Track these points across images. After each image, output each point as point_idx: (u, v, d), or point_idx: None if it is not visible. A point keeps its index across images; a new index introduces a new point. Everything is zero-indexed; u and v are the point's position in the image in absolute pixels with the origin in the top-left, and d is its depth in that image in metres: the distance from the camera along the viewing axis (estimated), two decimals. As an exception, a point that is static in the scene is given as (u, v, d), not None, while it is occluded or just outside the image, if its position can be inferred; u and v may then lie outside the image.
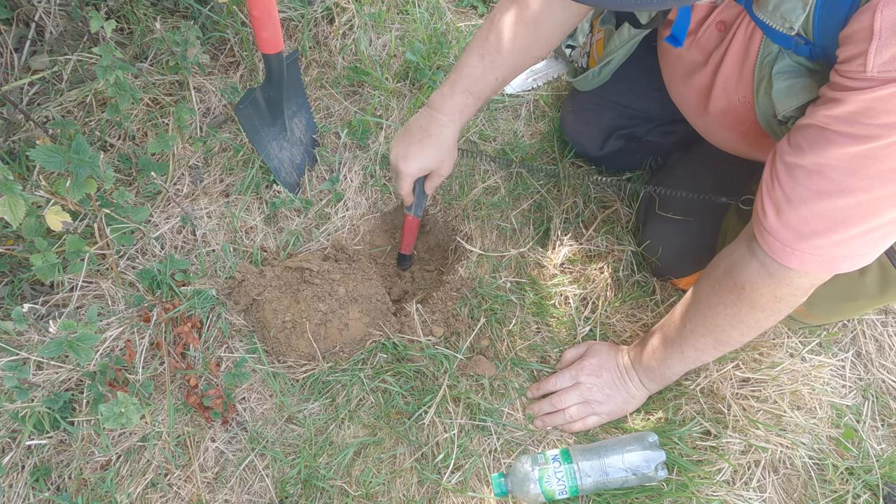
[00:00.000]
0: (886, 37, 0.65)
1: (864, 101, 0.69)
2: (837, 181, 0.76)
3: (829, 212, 0.78)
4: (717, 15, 0.95)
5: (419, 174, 1.23)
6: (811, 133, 0.78)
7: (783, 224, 0.83)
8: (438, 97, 1.19)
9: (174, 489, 1.15)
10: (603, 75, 1.26)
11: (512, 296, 1.34)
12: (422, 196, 1.32)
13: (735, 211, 1.22)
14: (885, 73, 0.66)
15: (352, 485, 1.15)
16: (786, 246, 0.84)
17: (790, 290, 0.90)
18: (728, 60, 0.97)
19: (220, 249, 1.35)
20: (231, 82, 1.57)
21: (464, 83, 1.16)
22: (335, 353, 1.25)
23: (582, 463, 1.09)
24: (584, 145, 1.46)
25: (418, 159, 1.20)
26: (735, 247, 0.97)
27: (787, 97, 0.88)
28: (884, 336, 1.34)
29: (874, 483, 1.15)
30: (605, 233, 1.42)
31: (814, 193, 0.79)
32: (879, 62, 0.66)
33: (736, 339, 1.02)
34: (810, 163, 0.78)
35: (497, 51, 1.14)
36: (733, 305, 0.97)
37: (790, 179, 0.81)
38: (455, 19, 1.77)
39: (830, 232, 0.79)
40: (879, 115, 0.69)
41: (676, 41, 1.01)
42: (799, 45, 0.83)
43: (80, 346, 1.01)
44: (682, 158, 1.41)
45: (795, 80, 0.87)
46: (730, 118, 1.05)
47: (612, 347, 1.23)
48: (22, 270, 1.31)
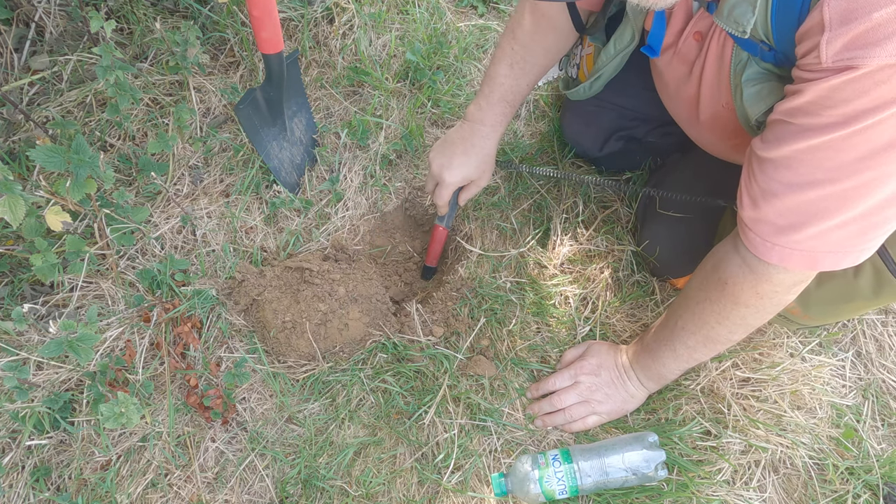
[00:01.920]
0: (836, 27, 0.67)
1: (822, 90, 0.70)
2: (804, 174, 0.77)
3: (802, 205, 0.79)
4: (693, 26, 0.97)
5: (461, 184, 1.28)
6: (777, 128, 0.80)
7: (760, 218, 0.84)
8: (476, 110, 1.24)
9: (174, 489, 1.15)
10: (594, 89, 1.27)
11: (512, 296, 1.34)
12: (454, 207, 1.35)
13: (731, 213, 1.22)
14: (838, 63, 0.67)
15: (352, 485, 1.15)
16: (765, 240, 0.85)
17: (771, 287, 0.90)
18: (707, 70, 0.99)
19: (220, 249, 1.35)
20: (231, 82, 1.57)
21: (499, 93, 1.22)
22: (335, 353, 1.25)
23: (582, 463, 1.09)
24: (583, 146, 1.46)
25: (462, 168, 1.25)
26: (723, 244, 0.98)
27: (755, 102, 0.90)
28: (884, 336, 1.34)
29: (874, 483, 1.15)
30: (605, 233, 1.42)
31: (785, 187, 0.80)
32: (832, 52, 0.68)
33: (724, 336, 1.02)
34: (778, 156, 0.79)
35: (523, 59, 1.19)
36: (718, 301, 0.97)
37: (762, 174, 0.83)
38: (455, 19, 1.77)
39: (805, 225, 0.80)
40: (837, 105, 0.70)
41: (652, 51, 1.03)
42: (764, 52, 0.85)
43: (80, 346, 1.01)
44: (680, 160, 1.41)
45: (763, 84, 0.89)
46: (718, 125, 1.07)
47: (611, 347, 1.23)
48: (22, 270, 1.31)
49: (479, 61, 1.71)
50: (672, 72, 1.08)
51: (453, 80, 1.64)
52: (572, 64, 1.35)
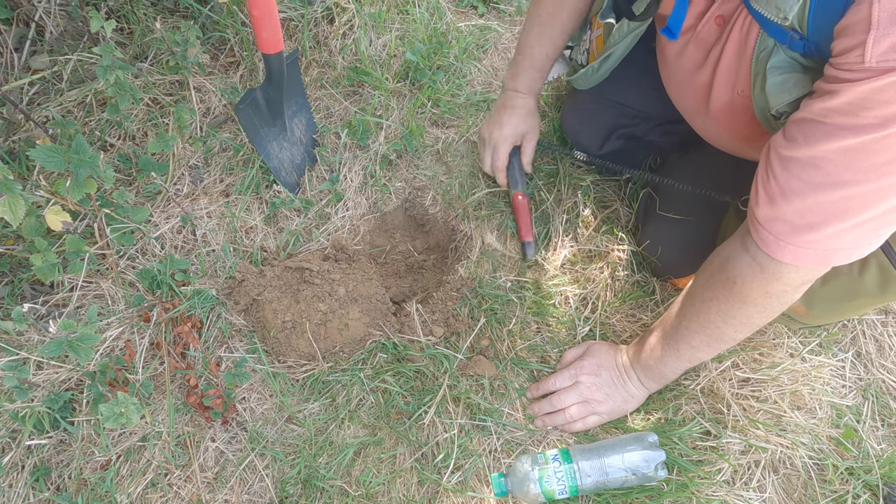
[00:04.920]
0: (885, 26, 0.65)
1: (862, 91, 0.69)
2: (832, 174, 0.76)
3: (825, 205, 0.78)
4: (716, 9, 0.95)
5: (514, 140, 1.39)
6: (806, 126, 0.78)
7: (778, 217, 0.83)
8: (510, 79, 1.38)
9: (174, 489, 1.15)
10: (602, 71, 1.26)
11: (512, 296, 1.34)
12: (521, 172, 1.43)
13: (734, 212, 1.22)
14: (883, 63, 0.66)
15: (352, 485, 1.15)
16: (779, 239, 0.84)
17: (781, 286, 0.89)
18: (726, 55, 0.97)
19: (220, 249, 1.35)
20: (231, 82, 1.57)
21: (528, 62, 1.34)
22: (335, 353, 1.25)
23: (582, 463, 1.09)
24: (583, 144, 1.46)
25: (511, 124, 1.37)
26: (730, 242, 0.97)
27: (780, 92, 0.88)
28: (884, 336, 1.34)
29: (874, 483, 1.15)
30: (605, 233, 1.42)
31: (808, 186, 0.78)
32: (878, 52, 0.66)
33: (730, 335, 1.02)
34: (805, 155, 0.78)
35: (550, 24, 1.28)
36: (725, 301, 0.97)
37: (785, 172, 0.81)
38: (455, 19, 1.77)
39: (825, 225, 0.79)
40: (876, 106, 0.68)
41: (671, 34, 1.02)
42: (794, 41, 0.83)
43: (80, 346, 1.01)
44: (681, 158, 1.41)
45: (789, 75, 0.87)
46: (728, 114, 1.05)
47: (611, 347, 1.23)
48: (22, 270, 1.31)
49: (479, 61, 1.71)
50: (686, 57, 1.06)
51: (453, 80, 1.64)
52: (582, 50, 1.35)
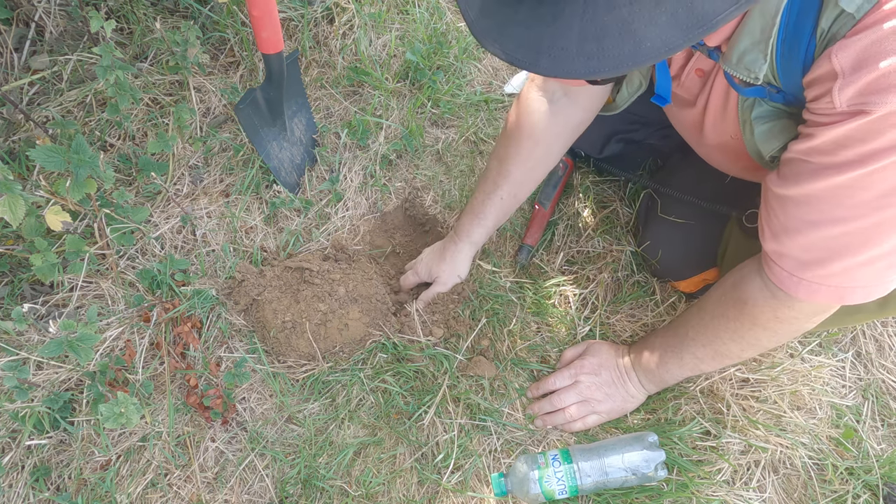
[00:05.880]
0: (849, 74, 0.68)
1: (838, 133, 0.71)
2: (825, 211, 0.77)
3: (826, 241, 0.79)
4: (694, 63, 0.97)
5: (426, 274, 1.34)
6: (794, 166, 0.80)
7: (784, 252, 0.85)
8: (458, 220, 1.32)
9: (174, 489, 1.15)
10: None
11: (512, 296, 1.34)
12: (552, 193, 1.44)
13: (738, 218, 1.22)
14: (853, 107, 0.69)
15: (352, 485, 1.15)
16: (792, 274, 0.85)
17: (792, 313, 0.90)
18: (711, 105, 0.98)
19: (220, 249, 1.35)
20: (231, 82, 1.57)
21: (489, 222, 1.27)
22: (335, 353, 1.25)
23: (582, 463, 1.09)
24: (582, 148, 1.46)
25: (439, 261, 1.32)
26: (747, 263, 0.98)
27: (768, 140, 0.90)
28: (884, 336, 1.34)
29: (874, 483, 1.15)
30: (605, 233, 1.42)
31: (806, 224, 0.80)
32: (846, 98, 0.69)
33: (735, 353, 1.02)
34: (797, 194, 0.80)
35: (513, 195, 1.23)
36: (736, 319, 0.97)
37: (783, 210, 0.83)
38: (455, 19, 1.77)
39: (830, 261, 0.80)
40: (854, 145, 0.70)
41: (662, 100, 1.03)
42: (773, 94, 0.85)
43: (80, 346, 1.01)
44: (683, 161, 1.41)
45: (775, 122, 0.88)
46: (725, 152, 1.07)
47: (612, 347, 1.23)
48: (22, 270, 1.31)
49: (479, 61, 1.71)
50: (677, 100, 1.08)
51: (453, 80, 1.64)
52: None
